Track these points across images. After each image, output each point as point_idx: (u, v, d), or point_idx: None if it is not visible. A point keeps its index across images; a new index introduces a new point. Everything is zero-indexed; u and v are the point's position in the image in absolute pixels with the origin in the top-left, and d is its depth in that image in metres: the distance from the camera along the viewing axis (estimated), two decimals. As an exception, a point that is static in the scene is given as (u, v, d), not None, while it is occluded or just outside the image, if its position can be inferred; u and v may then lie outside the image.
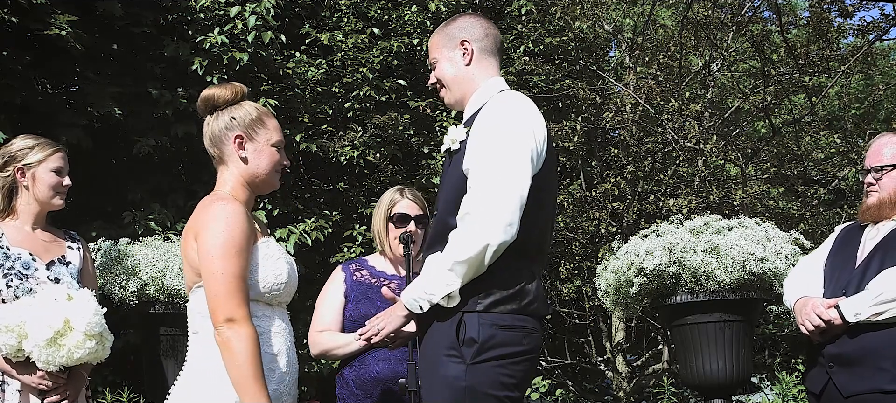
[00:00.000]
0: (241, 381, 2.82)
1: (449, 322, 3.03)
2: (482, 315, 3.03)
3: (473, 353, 3.00)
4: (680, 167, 11.30)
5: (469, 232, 2.97)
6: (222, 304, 2.85)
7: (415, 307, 3.08)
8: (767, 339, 12.19)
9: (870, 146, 3.81)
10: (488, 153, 3.04)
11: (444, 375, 3.01)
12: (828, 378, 3.61)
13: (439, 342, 3.04)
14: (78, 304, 3.68)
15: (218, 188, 3.12)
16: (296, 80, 9.53)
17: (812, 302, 3.67)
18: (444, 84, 3.32)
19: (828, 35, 10.35)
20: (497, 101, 3.17)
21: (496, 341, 3.03)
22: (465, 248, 2.96)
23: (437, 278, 3.02)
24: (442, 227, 3.11)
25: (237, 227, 2.93)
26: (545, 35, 10.90)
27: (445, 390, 3.01)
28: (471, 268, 2.98)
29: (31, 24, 7.77)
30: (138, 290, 4.74)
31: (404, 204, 4.15)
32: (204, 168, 8.83)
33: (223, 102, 3.11)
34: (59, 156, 4.00)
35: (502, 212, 2.96)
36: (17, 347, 3.68)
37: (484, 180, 3.01)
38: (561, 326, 11.67)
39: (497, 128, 3.07)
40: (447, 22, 3.38)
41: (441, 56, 3.31)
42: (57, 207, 4.01)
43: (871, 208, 3.72)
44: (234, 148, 3.08)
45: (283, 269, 3.06)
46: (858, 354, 3.52)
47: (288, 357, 3.04)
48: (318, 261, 9.41)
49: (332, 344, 4.09)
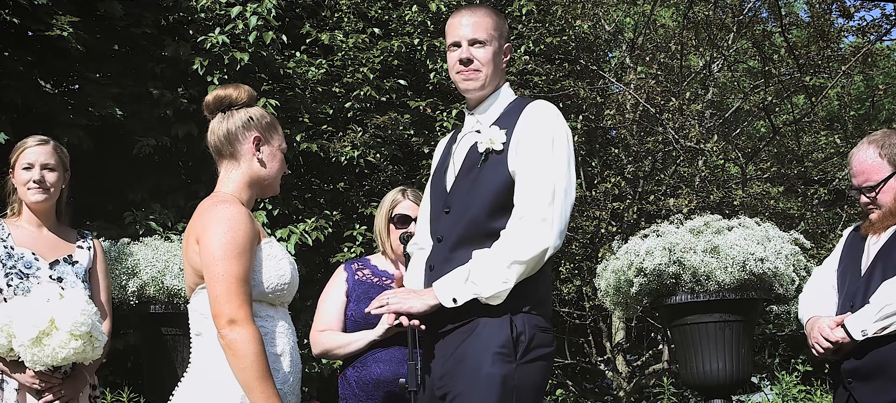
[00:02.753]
0: (248, 382, 2.83)
1: (499, 322, 3.06)
2: (527, 316, 3.09)
3: (522, 353, 3.06)
4: (680, 167, 11.31)
5: (531, 234, 3.03)
6: (225, 306, 2.86)
7: (448, 300, 3.08)
8: (767, 339, 12.20)
9: (851, 160, 3.74)
10: (547, 159, 3.11)
11: (491, 373, 3.03)
12: (848, 393, 3.60)
13: (489, 340, 3.06)
14: (65, 304, 3.67)
15: (220, 187, 3.11)
16: (296, 80, 9.53)
17: (819, 324, 3.66)
18: (481, 68, 3.27)
19: (828, 35, 10.35)
20: (541, 108, 3.22)
21: (537, 342, 3.10)
22: (526, 249, 3.02)
23: (492, 274, 3.04)
24: (476, 227, 3.13)
25: (239, 229, 2.93)
26: (546, 35, 10.90)
27: (493, 388, 3.02)
28: (527, 269, 3.04)
29: (31, 24, 7.78)
30: (138, 290, 4.74)
31: (405, 205, 4.16)
32: (204, 168, 8.84)
33: (240, 103, 3.13)
34: (31, 151, 3.96)
35: (562, 218, 3.07)
36: (7, 346, 3.68)
37: (545, 185, 3.07)
38: (561, 326, 11.67)
39: (552, 136, 3.14)
40: (494, 10, 3.38)
41: (493, 44, 3.28)
42: (33, 203, 3.96)
43: (874, 224, 3.70)
44: (251, 148, 3.09)
45: (286, 270, 3.06)
46: (874, 368, 3.51)
47: (291, 357, 3.05)
48: (319, 261, 9.41)
49: (333, 344, 4.09)
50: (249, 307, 2.89)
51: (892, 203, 3.63)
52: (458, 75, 3.30)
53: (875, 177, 3.65)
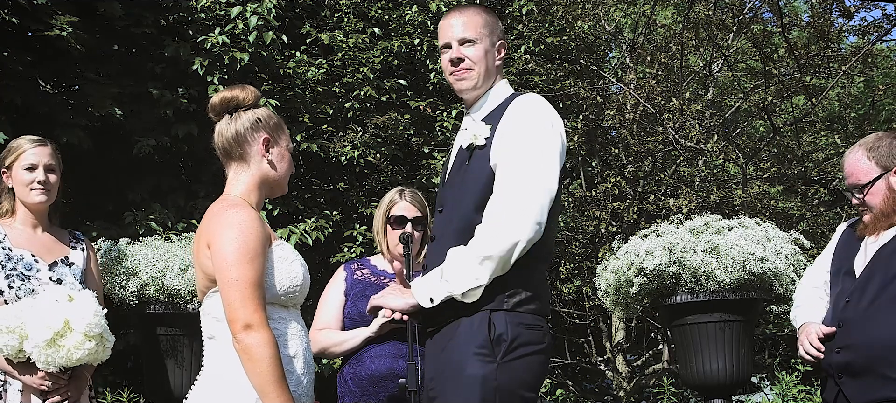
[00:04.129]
0: (264, 386, 2.83)
1: (477, 320, 3.02)
2: (509, 313, 3.03)
3: (504, 352, 3.00)
4: (680, 167, 11.31)
5: (500, 228, 2.97)
6: (240, 311, 2.86)
7: (425, 300, 3.06)
8: (767, 339, 12.21)
9: (843, 161, 3.80)
10: (521, 150, 3.04)
11: (472, 374, 2.98)
12: (838, 388, 3.61)
13: (467, 340, 3.02)
14: (78, 305, 3.68)
15: (230, 189, 3.11)
16: (296, 80, 9.53)
17: (802, 337, 3.72)
18: (473, 66, 3.25)
19: (829, 35, 10.35)
20: (525, 101, 3.17)
21: (522, 340, 3.03)
22: (495, 243, 2.96)
23: (464, 272, 2.99)
24: (466, 223, 3.09)
25: (251, 233, 2.93)
26: (546, 35, 10.90)
27: (475, 389, 2.98)
28: (499, 264, 2.97)
29: (31, 24, 7.78)
30: (138, 290, 4.74)
31: (402, 205, 4.16)
32: (204, 168, 8.84)
33: (247, 104, 3.12)
34: (32, 153, 3.95)
35: (533, 210, 2.97)
36: (17, 348, 3.68)
37: (516, 177, 3.01)
38: (561, 326, 11.67)
39: (530, 127, 3.08)
40: (484, 8, 3.35)
41: (483, 42, 3.25)
42: (35, 204, 3.96)
43: (868, 225, 3.72)
44: (261, 149, 3.09)
45: (298, 271, 3.07)
46: (865, 364, 3.52)
47: (304, 359, 3.05)
48: (319, 261, 9.41)
49: (329, 342, 4.10)
50: (264, 311, 2.89)
51: (882, 204, 3.66)
52: (452, 76, 3.29)
53: (863, 179, 3.68)
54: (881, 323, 3.50)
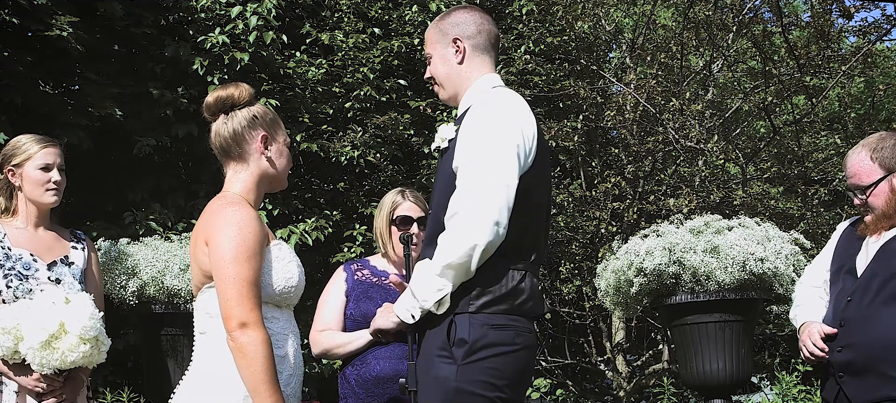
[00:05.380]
0: (256, 385, 2.83)
1: (441, 324, 3.03)
2: (473, 316, 3.02)
3: (464, 354, 3.00)
4: (680, 167, 11.31)
5: (456, 234, 2.95)
6: (236, 309, 2.86)
7: (407, 317, 3.07)
8: (767, 339, 12.21)
9: (846, 161, 3.78)
10: (475, 151, 3.01)
11: (435, 376, 3.02)
12: (839, 387, 3.61)
13: (432, 343, 3.05)
14: (74, 307, 3.67)
15: (228, 187, 3.10)
16: (296, 80, 9.53)
17: (804, 337, 3.71)
18: (437, 81, 3.30)
19: (829, 36, 10.35)
20: (485, 99, 3.14)
21: (487, 341, 3.01)
22: (452, 251, 2.95)
23: (428, 284, 3.00)
24: (436, 227, 3.09)
25: (249, 232, 2.93)
26: (546, 35, 10.90)
27: (437, 390, 3.02)
28: (460, 271, 2.96)
29: (31, 24, 7.78)
30: (138, 290, 4.74)
31: (406, 206, 4.15)
32: (204, 168, 8.84)
33: (242, 103, 3.11)
34: (46, 153, 3.94)
35: (489, 212, 2.93)
36: (13, 349, 3.67)
37: (470, 179, 2.99)
38: (561, 326, 11.68)
39: (483, 126, 3.04)
40: (441, 16, 3.34)
41: (434, 53, 3.28)
42: (49, 204, 3.95)
43: (870, 226, 3.72)
44: (259, 147, 3.08)
45: (294, 272, 3.07)
46: (866, 363, 3.52)
47: (294, 359, 3.05)
48: (319, 261, 9.42)
49: (332, 344, 4.09)
50: (260, 310, 2.89)
51: (884, 205, 3.66)
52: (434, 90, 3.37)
53: (866, 180, 3.68)
54: (883, 322, 3.50)
